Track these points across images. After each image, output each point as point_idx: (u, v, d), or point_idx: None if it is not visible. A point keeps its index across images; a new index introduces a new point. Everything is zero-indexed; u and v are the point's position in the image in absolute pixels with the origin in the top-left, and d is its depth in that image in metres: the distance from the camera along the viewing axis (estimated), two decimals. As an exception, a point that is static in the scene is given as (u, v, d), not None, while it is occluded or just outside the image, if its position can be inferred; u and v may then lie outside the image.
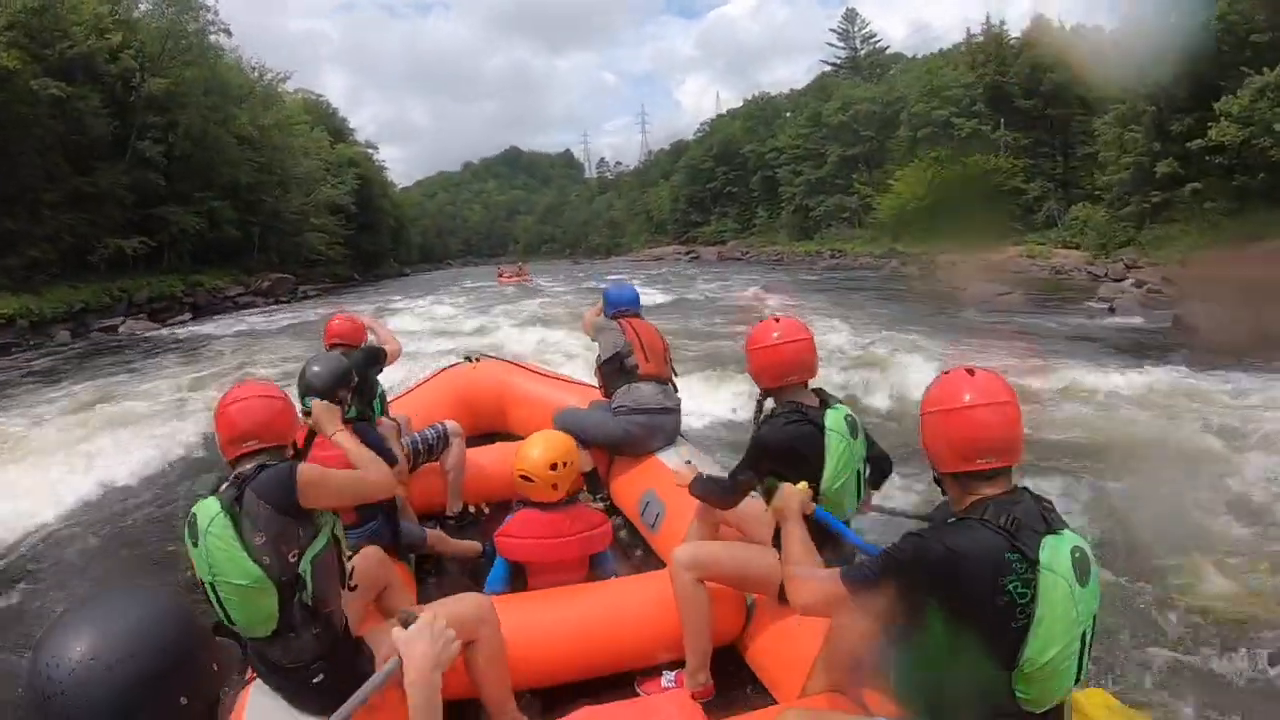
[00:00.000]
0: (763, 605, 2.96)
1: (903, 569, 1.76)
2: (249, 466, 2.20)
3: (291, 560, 2.13)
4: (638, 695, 2.97)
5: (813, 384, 2.85)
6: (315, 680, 2.22)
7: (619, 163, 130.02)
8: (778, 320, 2.83)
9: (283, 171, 39.71)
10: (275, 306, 29.38)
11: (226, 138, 33.61)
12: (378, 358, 4.30)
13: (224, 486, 2.16)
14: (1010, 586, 1.61)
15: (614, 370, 4.45)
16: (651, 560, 3.87)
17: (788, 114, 66.13)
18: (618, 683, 3.00)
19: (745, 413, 3.13)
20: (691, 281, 30.98)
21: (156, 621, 1.10)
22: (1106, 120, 28.72)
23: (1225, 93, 22.31)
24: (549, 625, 2.95)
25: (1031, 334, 13.45)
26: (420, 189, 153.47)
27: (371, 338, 4.49)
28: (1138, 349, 11.57)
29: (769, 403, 2.83)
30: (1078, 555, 1.67)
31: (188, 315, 25.21)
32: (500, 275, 39.94)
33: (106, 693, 1.03)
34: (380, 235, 63.77)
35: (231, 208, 33.56)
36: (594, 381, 4.83)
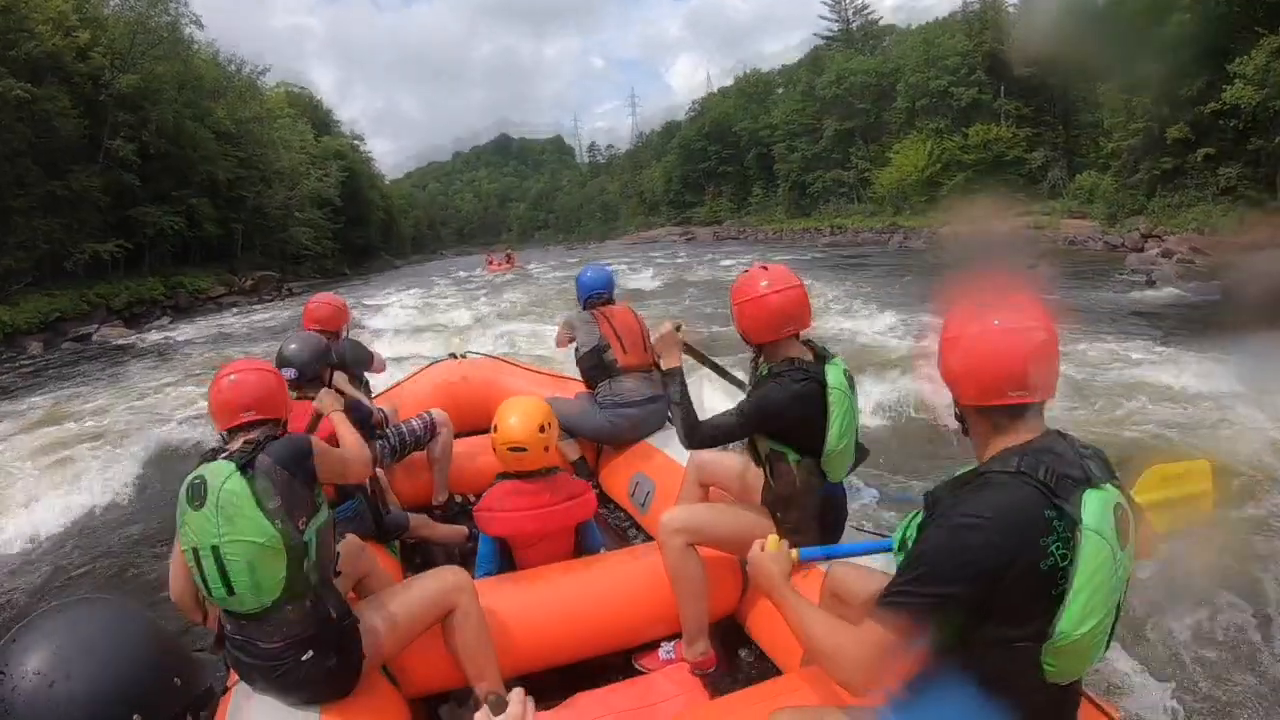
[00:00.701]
0: None
1: (951, 574, 1.46)
2: (255, 434, 2.26)
3: (300, 527, 2.17)
4: (636, 670, 2.88)
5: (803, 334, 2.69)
6: (304, 658, 2.18)
7: (610, 146, 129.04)
8: (765, 269, 2.64)
9: (265, 166, 38.68)
10: (259, 305, 28.63)
11: (203, 133, 32.63)
12: (365, 362, 4.36)
13: (229, 451, 2.20)
14: (1053, 548, 1.42)
15: (593, 365, 4.40)
16: (643, 541, 3.80)
17: (780, 89, 65.16)
18: (614, 660, 2.89)
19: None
20: (688, 263, 29.92)
21: (114, 634, 1.05)
22: (1111, 86, 27.73)
23: (1236, 54, 21.34)
24: (539, 607, 2.84)
25: (1082, 310, 12.40)
26: (411, 180, 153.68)
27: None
28: (1197, 325, 10.78)
29: (763, 360, 2.68)
30: (1120, 513, 1.48)
31: (165, 319, 24.39)
32: (489, 263, 39.17)
33: (53, 711, 0.97)
34: (370, 228, 63.11)
35: (211, 205, 32.65)
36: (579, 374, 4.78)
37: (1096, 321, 11.34)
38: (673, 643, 2.89)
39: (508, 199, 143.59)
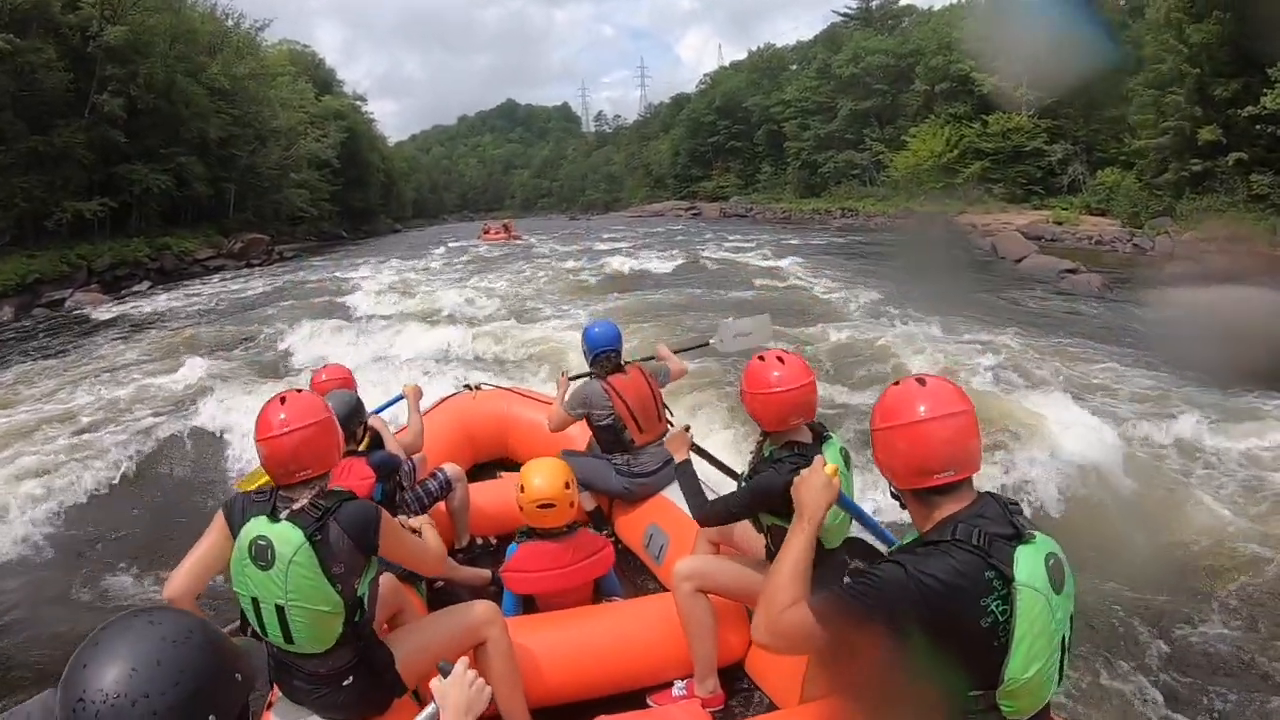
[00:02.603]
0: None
1: (880, 605, 1.65)
2: (317, 498, 2.27)
3: (355, 586, 2.29)
4: (649, 708, 3.07)
5: None
6: (345, 683, 2.36)
7: (618, 116, 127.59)
8: (781, 360, 2.73)
9: (260, 124, 37.50)
10: (248, 270, 27.68)
11: (195, 89, 31.56)
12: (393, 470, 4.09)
13: (292, 511, 2.23)
14: (992, 607, 1.59)
15: (608, 440, 4.44)
16: (657, 590, 3.98)
17: (794, 66, 63.68)
18: (628, 700, 3.07)
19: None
20: (698, 243, 28.55)
21: (175, 643, 1.10)
22: (1140, 82, 26.73)
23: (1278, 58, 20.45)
24: (559, 644, 3.07)
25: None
26: (415, 143, 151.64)
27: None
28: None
29: (767, 442, 2.80)
30: (1052, 562, 1.65)
31: (145, 284, 23.44)
32: (485, 232, 37.97)
33: None
34: (370, 190, 62.22)
35: (202, 164, 31.64)
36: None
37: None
38: (685, 682, 3.10)
39: (512, 166, 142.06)
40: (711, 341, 5.32)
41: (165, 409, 8.05)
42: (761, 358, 2.76)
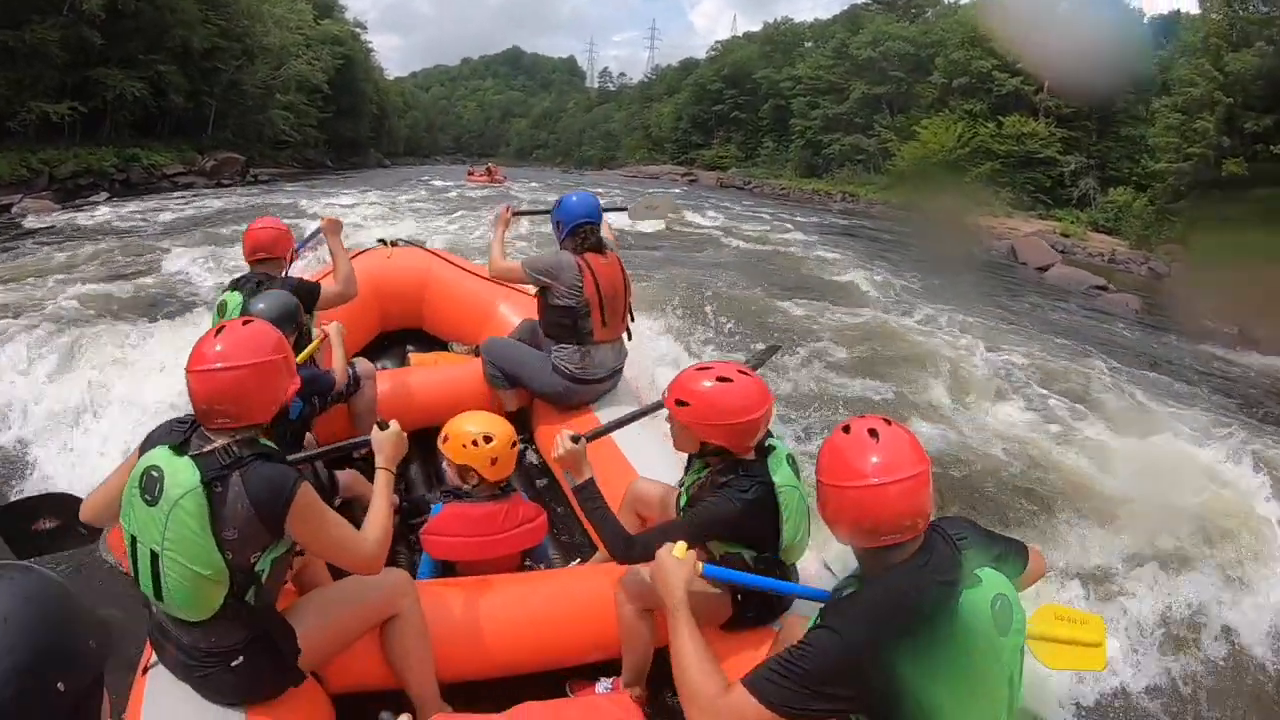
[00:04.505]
0: (706, 625, 2.29)
1: (829, 676, 1.60)
2: (232, 445, 1.97)
3: (251, 560, 2.01)
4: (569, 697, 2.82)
5: None
6: (234, 663, 2.06)
7: (623, 74, 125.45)
8: (738, 376, 2.44)
9: (250, 40, 35.62)
10: (217, 189, 26.08)
11: (183, -7, 29.66)
12: (310, 297, 3.72)
13: (201, 451, 1.95)
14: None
15: (562, 325, 3.95)
16: (574, 520, 3.75)
17: (808, 43, 62.09)
18: (546, 683, 2.80)
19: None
20: (693, 208, 27.24)
21: (22, 600, 1.01)
22: (1168, 104, 26.15)
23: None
24: (476, 615, 2.75)
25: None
26: (416, 80, 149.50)
27: (309, 257, 4.17)
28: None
29: (705, 461, 2.54)
30: (998, 605, 1.64)
31: (103, 195, 21.93)
32: (469, 175, 37.00)
33: None
34: (360, 122, 60.79)
35: (182, 75, 30.04)
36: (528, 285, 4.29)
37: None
38: (610, 680, 2.88)
39: (511, 114, 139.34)
40: (627, 210, 4.55)
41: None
42: (721, 378, 2.42)
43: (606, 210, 4.32)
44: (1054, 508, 4.89)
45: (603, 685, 2.90)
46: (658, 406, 2.77)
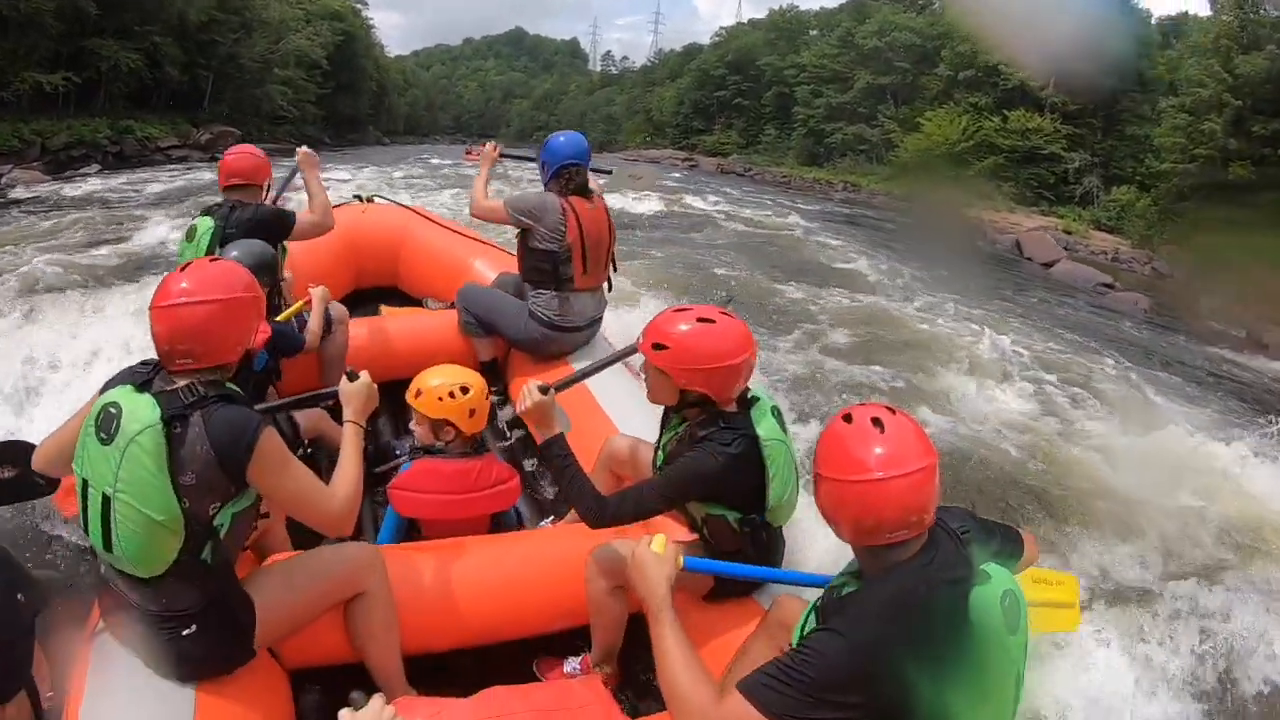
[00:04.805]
0: (687, 596, 2.34)
1: (837, 683, 1.47)
2: (197, 384, 1.89)
3: (210, 512, 1.90)
4: (537, 680, 2.73)
5: None
6: (185, 633, 1.93)
7: (625, 58, 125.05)
8: (720, 318, 2.27)
9: (249, 13, 35.36)
10: (211, 164, 25.35)
11: (179, -37, 29.32)
12: (284, 225, 3.74)
13: (164, 390, 1.87)
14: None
15: (542, 269, 3.84)
16: (548, 477, 3.72)
17: (813, 31, 61.77)
18: (514, 658, 2.71)
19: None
20: (692, 192, 26.97)
21: None
22: (1175, 105, 26.01)
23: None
24: (441, 583, 2.61)
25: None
26: (417, 59, 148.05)
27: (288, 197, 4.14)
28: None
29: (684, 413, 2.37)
30: (1007, 603, 1.54)
31: (94, 167, 21.80)
32: (467, 154, 36.96)
33: None
34: (360, 99, 60.18)
35: (179, 47, 29.80)
36: (503, 241, 4.42)
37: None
38: (578, 659, 2.75)
39: (512, 95, 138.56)
40: (612, 172, 4.61)
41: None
42: (702, 319, 2.26)
43: (591, 171, 4.24)
44: (1063, 505, 4.89)
45: (570, 664, 2.79)
46: (632, 350, 2.61)
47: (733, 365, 2.24)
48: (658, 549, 1.86)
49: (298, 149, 4.13)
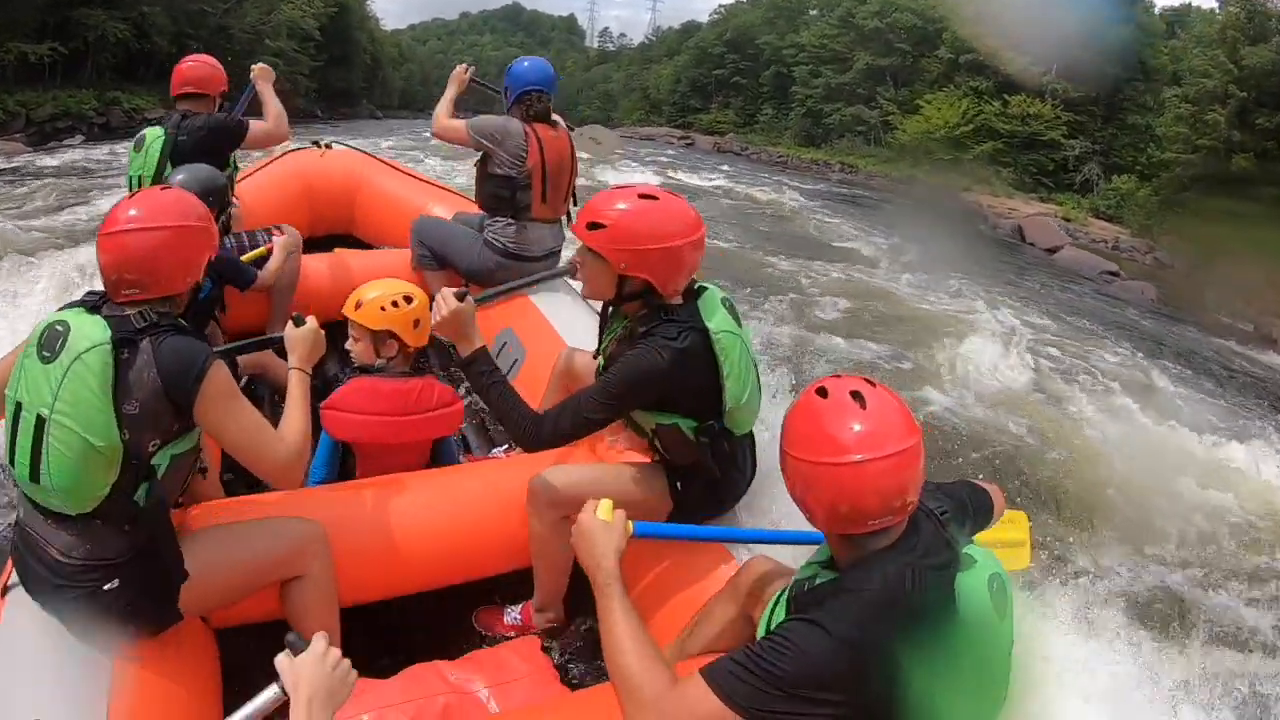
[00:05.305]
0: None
1: (814, 680, 1.32)
2: (148, 312, 1.80)
3: (150, 449, 1.80)
4: (476, 632, 2.62)
5: None
6: (107, 587, 1.80)
7: (623, 35, 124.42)
8: (665, 195, 2.09)
9: (240, -17, 34.76)
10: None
11: (168, -69, 28.73)
12: (236, 133, 3.72)
13: (115, 315, 1.78)
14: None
15: (500, 196, 3.77)
16: None
17: (813, 11, 61.09)
18: (452, 602, 2.58)
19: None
20: (687, 169, 26.83)
21: None
22: (1179, 95, 26.04)
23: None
24: (380, 526, 2.41)
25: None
26: (413, 33, 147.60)
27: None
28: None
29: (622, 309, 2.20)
30: (995, 587, 1.43)
31: (78, 139, 21.32)
32: None
33: None
34: (353, 72, 59.56)
35: (167, 17, 29.09)
36: (463, 185, 4.38)
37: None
38: (519, 607, 2.60)
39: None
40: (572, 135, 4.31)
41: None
42: (645, 195, 2.06)
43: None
44: (1065, 490, 4.85)
45: (511, 615, 2.63)
46: (570, 270, 2.44)
47: (677, 246, 2.05)
48: (604, 515, 1.69)
49: (252, 69, 4.08)
